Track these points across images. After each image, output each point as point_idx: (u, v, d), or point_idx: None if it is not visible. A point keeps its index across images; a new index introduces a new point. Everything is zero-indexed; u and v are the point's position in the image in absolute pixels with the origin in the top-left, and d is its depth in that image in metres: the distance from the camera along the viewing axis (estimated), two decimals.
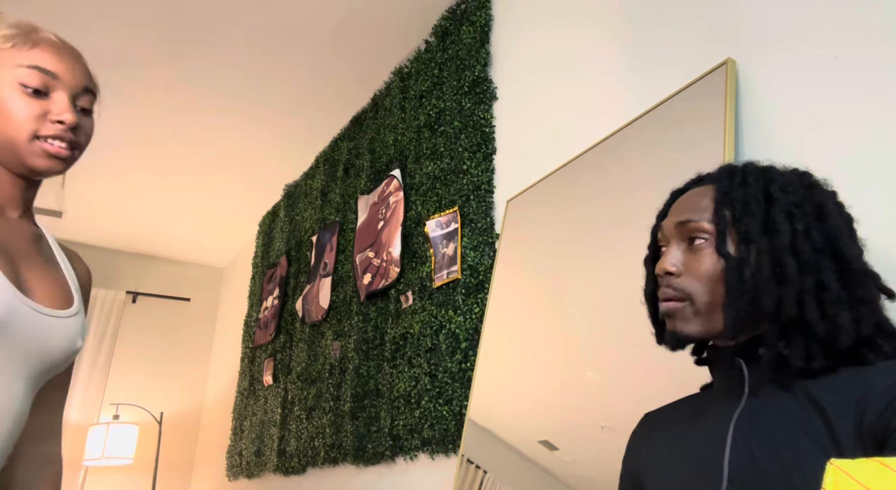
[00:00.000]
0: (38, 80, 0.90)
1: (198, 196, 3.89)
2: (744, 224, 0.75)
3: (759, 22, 1.26)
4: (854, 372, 0.68)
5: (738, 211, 0.76)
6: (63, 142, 0.91)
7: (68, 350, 0.91)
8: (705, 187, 0.82)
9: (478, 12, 2.18)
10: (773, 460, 0.66)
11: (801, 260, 0.71)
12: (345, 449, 2.36)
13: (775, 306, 0.71)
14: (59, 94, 0.92)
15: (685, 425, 0.81)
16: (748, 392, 0.75)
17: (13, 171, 0.92)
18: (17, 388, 0.85)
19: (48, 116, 0.90)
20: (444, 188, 2.13)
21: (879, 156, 1.02)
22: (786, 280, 0.71)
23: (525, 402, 1.55)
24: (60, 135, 0.90)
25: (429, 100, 2.35)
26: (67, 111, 0.91)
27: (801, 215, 0.73)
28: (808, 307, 0.70)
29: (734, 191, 0.77)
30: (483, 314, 1.79)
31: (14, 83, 0.89)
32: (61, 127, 0.90)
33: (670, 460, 0.79)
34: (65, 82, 0.92)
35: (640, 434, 0.91)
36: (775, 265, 0.72)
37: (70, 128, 0.91)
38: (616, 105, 1.56)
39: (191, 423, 4.49)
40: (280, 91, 2.97)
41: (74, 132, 0.92)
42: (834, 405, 0.66)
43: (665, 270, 0.79)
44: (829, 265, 0.71)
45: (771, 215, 0.74)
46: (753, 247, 0.73)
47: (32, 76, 0.90)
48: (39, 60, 0.91)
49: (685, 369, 0.95)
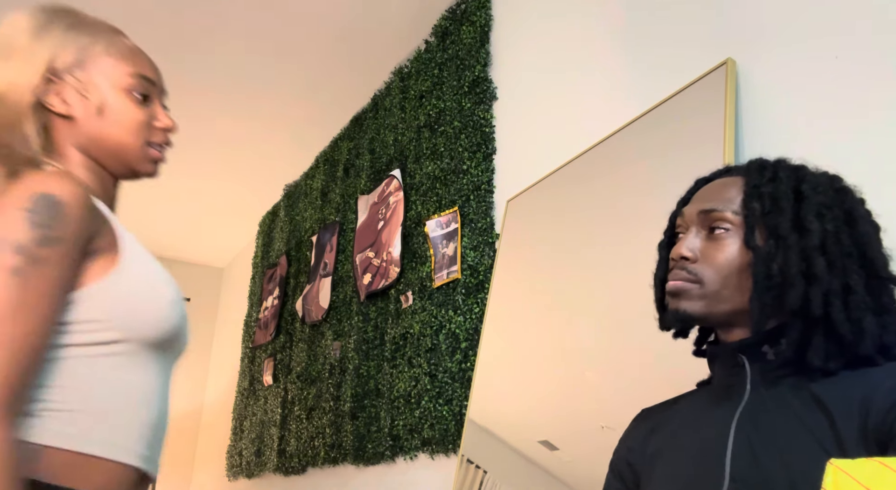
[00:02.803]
0: (144, 87, 0.93)
1: (198, 196, 3.89)
2: (773, 219, 0.75)
3: (759, 22, 1.26)
4: (859, 372, 0.68)
5: (767, 205, 0.76)
6: (163, 150, 0.96)
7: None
8: (733, 178, 0.81)
9: (478, 12, 2.18)
10: (775, 459, 0.66)
11: (830, 261, 0.71)
12: (345, 449, 2.36)
13: (801, 303, 0.71)
14: (156, 102, 0.96)
15: (686, 422, 0.81)
16: (750, 389, 0.74)
17: (114, 174, 0.95)
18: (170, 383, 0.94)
19: (154, 123, 0.94)
20: (444, 188, 2.13)
21: (880, 156, 1.02)
22: (814, 278, 0.71)
23: (525, 402, 1.55)
24: (165, 141, 0.96)
25: (429, 100, 2.35)
26: (169, 118, 0.96)
27: (832, 217, 0.73)
28: (834, 308, 0.70)
29: (764, 185, 0.77)
30: (483, 314, 1.79)
31: (124, 91, 0.91)
32: (165, 133, 0.95)
33: (671, 457, 0.78)
34: (158, 89, 0.96)
35: (637, 428, 0.90)
36: (804, 263, 0.72)
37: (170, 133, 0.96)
38: (616, 105, 1.56)
39: (191, 422, 4.49)
40: (280, 91, 2.97)
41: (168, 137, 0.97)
42: (837, 404, 0.65)
43: (681, 255, 0.78)
44: (856, 270, 0.71)
45: (801, 214, 0.74)
46: (782, 242, 0.73)
47: (140, 84, 0.92)
48: (142, 68, 0.94)
49: (685, 369, 0.95)
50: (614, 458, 0.91)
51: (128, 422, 0.83)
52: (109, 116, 0.90)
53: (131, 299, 0.82)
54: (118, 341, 0.82)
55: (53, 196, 0.76)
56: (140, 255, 0.87)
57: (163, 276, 0.88)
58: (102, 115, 0.90)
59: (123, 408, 0.82)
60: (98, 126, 0.90)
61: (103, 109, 0.90)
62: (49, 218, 0.75)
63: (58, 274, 0.75)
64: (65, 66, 0.88)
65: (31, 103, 0.86)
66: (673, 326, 0.83)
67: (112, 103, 0.90)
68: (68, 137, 0.90)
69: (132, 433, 0.83)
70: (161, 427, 0.90)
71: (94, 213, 0.82)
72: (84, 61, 0.89)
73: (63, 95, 0.88)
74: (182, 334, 0.90)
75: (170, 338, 0.87)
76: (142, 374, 0.85)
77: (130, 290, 0.82)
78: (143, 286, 0.84)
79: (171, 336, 0.87)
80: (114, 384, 0.82)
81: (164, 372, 0.90)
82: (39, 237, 0.74)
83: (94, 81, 0.90)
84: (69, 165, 0.90)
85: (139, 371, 0.85)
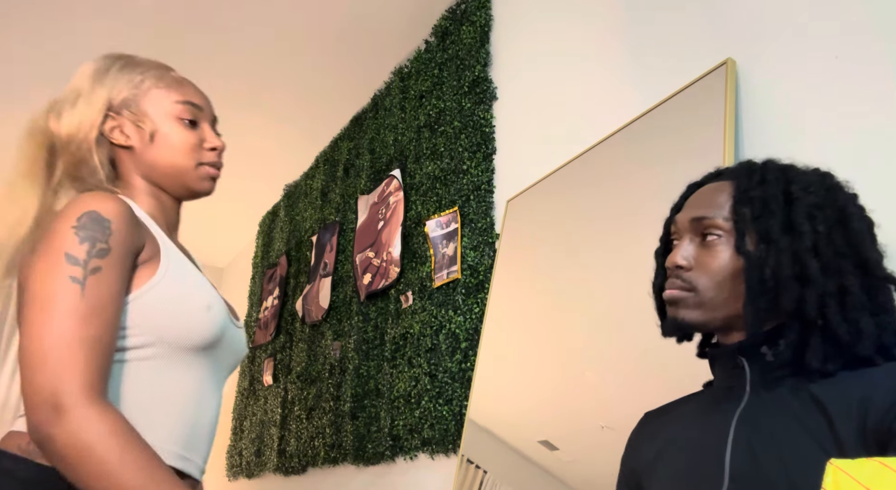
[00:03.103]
0: (192, 113, 1.02)
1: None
2: (763, 223, 0.74)
3: (759, 22, 1.26)
4: (858, 373, 0.68)
5: (756, 210, 0.75)
6: (216, 167, 1.05)
7: (245, 354, 1.09)
8: (723, 183, 0.81)
9: (478, 12, 2.18)
10: (774, 460, 0.66)
11: (823, 262, 0.71)
12: (345, 449, 2.36)
13: (796, 306, 0.71)
14: (205, 125, 1.05)
15: (686, 424, 0.81)
16: (750, 391, 0.74)
17: (174, 195, 1.05)
18: (221, 388, 1.02)
19: (203, 145, 1.03)
20: (444, 188, 2.13)
21: (880, 156, 1.02)
22: (808, 281, 0.70)
23: (525, 402, 1.55)
24: (216, 161, 1.05)
25: (429, 100, 2.35)
26: (217, 139, 1.05)
27: (823, 218, 0.73)
28: (829, 310, 0.69)
29: (753, 189, 0.77)
30: (483, 314, 1.79)
31: (173, 118, 1.01)
32: (215, 153, 1.05)
33: (671, 459, 0.79)
34: (206, 113, 1.05)
35: (640, 433, 0.90)
36: (797, 265, 0.71)
37: (220, 152, 1.05)
38: (616, 105, 1.56)
39: None
40: (280, 91, 2.97)
41: (220, 156, 1.06)
42: (836, 405, 0.65)
43: (676, 264, 0.78)
44: (851, 270, 0.70)
45: (792, 216, 0.73)
46: (774, 246, 0.73)
47: (187, 110, 1.02)
48: (189, 96, 1.03)
49: (685, 369, 0.95)
50: (622, 466, 0.91)
51: (162, 422, 0.88)
52: (162, 142, 1.00)
53: (164, 305, 0.89)
54: (151, 345, 0.88)
55: (97, 212, 0.85)
56: (179, 263, 0.94)
57: (199, 282, 0.95)
58: (154, 141, 0.99)
59: (157, 408, 0.88)
60: (153, 152, 1.00)
61: (155, 136, 0.99)
62: (95, 231, 0.83)
63: (113, 281, 0.83)
64: (121, 102, 0.99)
65: (95, 138, 0.97)
66: (673, 335, 0.83)
67: (163, 130, 1.00)
68: (132, 167, 1.01)
69: (166, 433, 0.88)
70: (203, 429, 0.95)
71: (138, 226, 0.90)
72: (137, 95, 1.00)
73: (122, 128, 0.99)
74: (223, 337, 0.96)
75: (208, 342, 0.93)
76: (180, 377, 0.91)
77: (164, 297, 0.89)
78: (176, 292, 0.90)
79: (210, 340, 0.93)
80: (149, 386, 0.88)
81: (207, 375, 0.96)
82: (88, 248, 0.82)
83: (146, 112, 1.00)
84: (133, 191, 1.00)
85: (176, 374, 0.91)
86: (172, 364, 0.90)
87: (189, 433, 0.91)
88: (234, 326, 1.03)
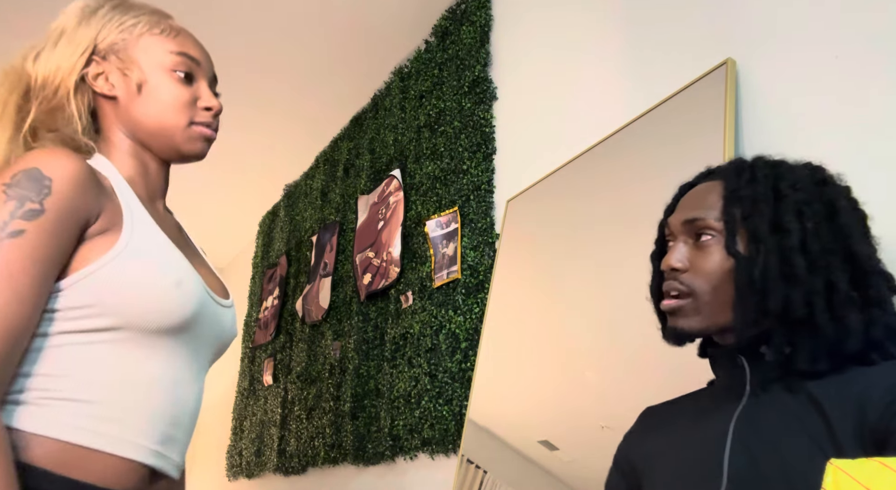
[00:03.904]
0: (187, 66, 0.91)
1: (197, 196, 3.89)
2: (752, 223, 0.74)
3: (759, 22, 1.26)
4: (856, 372, 0.68)
5: (746, 209, 0.75)
6: (210, 128, 0.93)
7: (232, 337, 0.96)
8: (714, 183, 0.81)
9: (478, 12, 2.18)
10: (772, 461, 0.66)
11: (811, 260, 0.70)
12: (345, 449, 2.36)
13: (783, 307, 0.70)
14: (202, 82, 0.93)
15: (686, 423, 0.81)
16: (749, 391, 0.74)
17: (160, 157, 0.93)
18: (203, 376, 0.91)
19: (197, 103, 0.92)
20: (444, 188, 2.13)
21: (880, 156, 1.02)
22: (795, 280, 0.70)
23: (525, 402, 1.55)
24: (210, 121, 0.93)
25: (429, 100, 2.35)
26: (214, 99, 0.93)
27: (811, 214, 0.72)
28: (817, 308, 0.69)
29: (742, 188, 0.76)
30: (483, 314, 1.79)
31: (165, 69, 0.89)
32: (210, 113, 0.93)
33: (670, 458, 0.79)
34: (204, 70, 0.94)
35: (640, 427, 0.90)
36: (784, 265, 0.70)
37: (215, 114, 0.94)
38: (616, 105, 1.56)
39: None
40: (280, 91, 2.97)
41: (216, 118, 0.94)
42: (834, 405, 0.65)
43: (671, 267, 0.78)
44: (839, 265, 0.70)
45: (779, 214, 0.73)
46: (762, 246, 0.72)
47: (183, 63, 0.90)
48: (186, 47, 0.92)
49: (685, 369, 0.95)
50: (617, 454, 0.91)
51: (133, 414, 0.79)
52: (149, 95, 0.88)
53: (125, 281, 0.77)
54: (116, 328, 0.78)
55: (38, 170, 0.74)
56: (146, 235, 0.82)
57: (168, 256, 0.83)
58: (142, 93, 0.88)
59: (127, 399, 0.79)
60: (139, 105, 0.88)
61: (143, 87, 0.88)
62: (28, 190, 0.72)
63: (38, 246, 0.72)
64: (108, 46, 0.88)
65: (75, 83, 0.86)
66: (674, 344, 0.82)
67: (152, 81, 0.88)
68: (115, 121, 0.90)
69: (138, 426, 0.79)
70: (180, 422, 0.85)
71: (94, 191, 0.78)
72: (127, 41, 0.89)
73: (107, 76, 0.88)
74: (198, 318, 0.85)
75: (177, 323, 0.82)
76: (151, 363, 0.81)
77: (125, 272, 0.77)
78: (138, 267, 0.79)
79: (180, 321, 0.82)
80: (114, 374, 0.78)
81: (184, 361, 0.85)
82: (13, 209, 0.71)
83: (135, 60, 0.88)
84: (112, 149, 0.89)
85: (147, 360, 0.80)
86: (141, 348, 0.80)
87: (164, 427, 0.82)
88: (217, 305, 0.91)
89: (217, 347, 0.93)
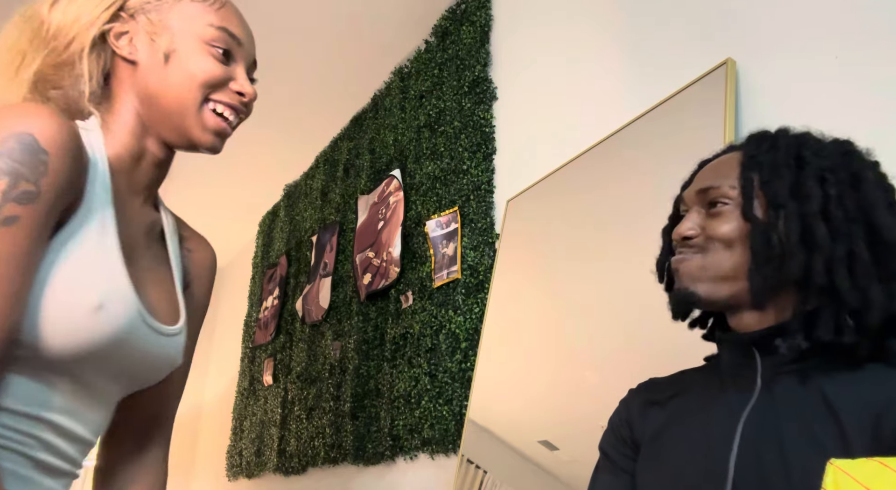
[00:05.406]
0: (227, 43, 0.79)
1: (198, 196, 3.89)
2: (772, 187, 0.71)
3: (759, 22, 1.26)
4: (873, 373, 0.65)
5: (765, 174, 0.72)
6: (234, 114, 0.81)
7: (167, 369, 0.81)
8: (732, 154, 0.78)
9: (478, 12, 2.18)
10: (779, 465, 0.64)
11: (832, 227, 0.67)
12: (345, 449, 2.36)
13: (803, 273, 0.67)
14: (239, 64, 0.82)
15: (693, 412, 0.77)
16: (760, 386, 0.71)
17: (167, 141, 0.81)
18: (112, 407, 0.78)
19: (230, 85, 0.80)
20: (444, 188, 2.13)
21: (880, 156, 1.01)
22: (815, 246, 0.67)
23: (525, 402, 1.55)
24: (237, 105, 0.81)
25: (429, 100, 2.35)
26: (249, 85, 0.82)
27: (835, 180, 0.69)
28: (838, 275, 0.66)
29: (761, 154, 0.74)
30: (483, 314, 1.79)
31: (201, 41, 0.78)
32: (240, 98, 0.81)
33: (674, 451, 0.76)
34: (245, 52, 0.83)
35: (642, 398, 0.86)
36: (804, 231, 0.68)
37: (248, 101, 0.83)
38: (616, 105, 1.56)
39: (191, 422, 4.49)
40: (280, 91, 2.96)
41: (247, 106, 0.83)
42: (850, 412, 0.62)
43: (682, 235, 0.75)
44: (861, 235, 0.67)
45: (801, 179, 0.70)
46: (782, 211, 0.69)
47: (222, 38, 0.79)
48: (229, 23, 0.81)
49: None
50: (616, 417, 0.88)
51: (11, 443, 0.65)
52: (177, 65, 0.76)
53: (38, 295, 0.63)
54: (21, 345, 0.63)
55: (34, 138, 0.61)
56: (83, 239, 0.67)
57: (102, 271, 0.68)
58: (169, 63, 0.76)
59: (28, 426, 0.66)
60: (161, 76, 0.76)
61: (171, 57, 0.76)
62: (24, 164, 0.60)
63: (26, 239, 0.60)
64: (139, 4, 0.77)
65: (93, 39, 0.74)
66: (680, 308, 0.78)
67: (182, 50, 0.76)
68: (127, 90, 0.78)
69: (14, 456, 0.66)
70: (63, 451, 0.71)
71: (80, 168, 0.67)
72: (162, 2, 0.78)
73: (133, 37, 0.77)
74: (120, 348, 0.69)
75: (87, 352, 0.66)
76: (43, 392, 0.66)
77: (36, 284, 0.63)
78: (55, 284, 0.64)
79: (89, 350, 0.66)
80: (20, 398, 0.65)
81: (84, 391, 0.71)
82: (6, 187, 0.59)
83: (168, 24, 0.77)
84: (111, 121, 0.77)
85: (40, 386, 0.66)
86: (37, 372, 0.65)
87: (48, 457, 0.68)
88: (154, 333, 0.75)
89: (143, 378, 0.78)
